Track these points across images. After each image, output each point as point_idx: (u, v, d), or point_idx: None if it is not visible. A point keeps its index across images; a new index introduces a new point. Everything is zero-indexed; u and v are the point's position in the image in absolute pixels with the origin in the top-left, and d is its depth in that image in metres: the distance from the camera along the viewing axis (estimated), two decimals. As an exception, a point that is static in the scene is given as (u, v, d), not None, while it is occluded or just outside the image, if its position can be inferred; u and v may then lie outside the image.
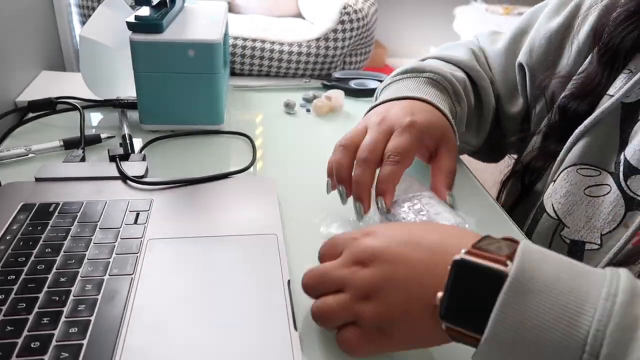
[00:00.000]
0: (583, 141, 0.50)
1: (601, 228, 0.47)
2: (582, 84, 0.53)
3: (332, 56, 0.99)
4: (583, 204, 0.49)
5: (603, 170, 0.49)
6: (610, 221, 0.47)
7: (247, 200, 0.54)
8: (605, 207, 0.47)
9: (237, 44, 0.95)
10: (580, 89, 0.53)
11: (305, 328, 0.40)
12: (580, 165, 0.50)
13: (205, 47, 0.64)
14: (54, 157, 0.62)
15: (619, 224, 0.46)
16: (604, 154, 0.49)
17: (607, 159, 0.49)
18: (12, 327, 0.36)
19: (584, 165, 0.50)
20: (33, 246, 0.44)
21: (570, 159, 0.51)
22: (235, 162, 0.65)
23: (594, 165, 0.50)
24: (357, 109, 0.85)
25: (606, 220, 0.47)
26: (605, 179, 0.48)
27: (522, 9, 3.29)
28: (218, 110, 0.70)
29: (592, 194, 0.49)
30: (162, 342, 0.36)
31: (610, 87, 0.50)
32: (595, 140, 0.50)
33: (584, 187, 0.49)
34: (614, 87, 0.50)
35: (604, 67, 0.51)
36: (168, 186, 0.55)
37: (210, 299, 0.40)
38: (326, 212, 0.52)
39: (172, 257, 0.45)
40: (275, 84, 0.93)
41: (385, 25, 3.45)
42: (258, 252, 0.46)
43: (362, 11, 1.00)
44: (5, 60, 0.74)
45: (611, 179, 0.48)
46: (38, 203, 0.50)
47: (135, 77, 0.66)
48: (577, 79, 0.54)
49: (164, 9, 0.68)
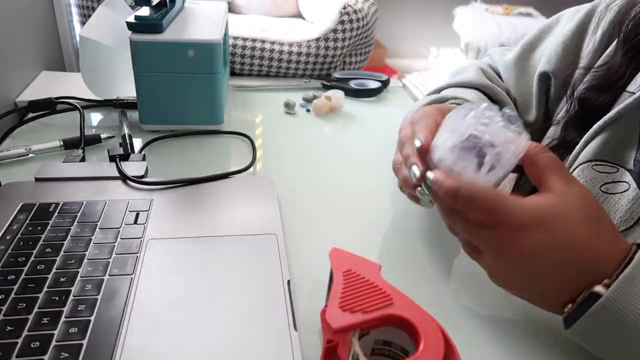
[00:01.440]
0: (601, 137, 0.50)
1: (617, 226, 0.47)
2: (603, 77, 0.53)
3: (332, 56, 0.99)
4: (599, 200, 0.49)
5: (621, 167, 0.48)
6: (627, 219, 0.46)
7: (247, 200, 0.54)
8: (623, 205, 0.47)
9: (237, 44, 0.95)
10: (601, 82, 0.53)
11: (305, 328, 0.40)
12: (595, 162, 0.50)
13: (205, 47, 0.64)
14: (54, 157, 0.62)
15: (637, 222, 0.46)
16: (622, 150, 0.49)
17: (625, 156, 0.48)
18: (12, 327, 0.36)
19: (599, 161, 0.50)
20: (33, 246, 0.44)
21: (585, 155, 0.51)
22: (235, 162, 0.65)
23: (611, 162, 0.49)
24: (357, 109, 0.85)
25: (623, 218, 0.46)
26: (623, 176, 0.48)
27: (522, 9, 3.30)
28: (218, 110, 0.70)
29: (608, 191, 0.48)
30: (162, 342, 0.36)
31: (631, 83, 0.50)
32: (613, 137, 0.49)
33: (600, 183, 0.49)
34: (634, 83, 0.50)
35: (627, 62, 0.51)
36: (168, 186, 0.55)
37: (210, 299, 0.40)
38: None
39: (172, 257, 0.45)
40: (275, 84, 0.93)
41: (385, 25, 3.46)
42: (258, 252, 0.46)
43: (362, 11, 1.00)
44: (5, 60, 0.74)
45: (630, 177, 0.47)
46: (38, 203, 0.50)
47: (135, 77, 0.66)
48: (597, 71, 0.54)
49: (164, 9, 0.68)
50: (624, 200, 0.47)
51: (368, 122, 0.80)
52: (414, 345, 0.32)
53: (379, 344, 0.35)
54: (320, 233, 0.52)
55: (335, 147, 0.72)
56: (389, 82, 0.93)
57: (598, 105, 0.52)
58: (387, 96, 0.92)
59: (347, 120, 0.80)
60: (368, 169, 0.66)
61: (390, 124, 0.81)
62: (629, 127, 0.48)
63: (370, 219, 0.55)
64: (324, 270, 0.40)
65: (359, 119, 0.81)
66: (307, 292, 0.44)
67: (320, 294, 0.41)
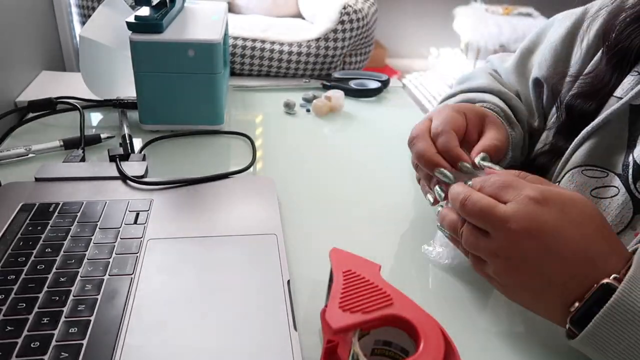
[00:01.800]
0: (589, 142, 0.50)
1: None
2: (589, 84, 0.53)
3: (332, 56, 0.99)
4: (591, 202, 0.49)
5: (610, 172, 0.49)
6: (618, 224, 0.46)
7: (247, 200, 0.54)
8: (613, 210, 0.47)
9: (237, 44, 0.95)
10: (588, 89, 0.53)
11: (305, 328, 0.40)
12: (585, 167, 0.50)
13: (205, 47, 0.64)
14: (54, 157, 0.62)
15: (627, 227, 0.46)
16: (611, 155, 0.49)
17: (614, 161, 0.49)
18: (12, 327, 0.36)
19: (589, 166, 0.50)
20: (33, 246, 0.44)
21: (575, 160, 0.51)
22: (235, 162, 0.65)
23: (600, 167, 0.49)
24: (357, 109, 0.85)
25: (613, 223, 0.47)
26: (613, 180, 0.48)
27: (522, 9, 3.30)
28: (218, 111, 0.70)
29: (599, 196, 0.49)
30: (162, 342, 0.36)
31: (618, 88, 0.50)
32: (602, 142, 0.50)
33: (590, 188, 0.49)
34: (621, 88, 0.50)
35: (612, 68, 0.51)
36: (168, 186, 0.55)
37: (210, 299, 0.40)
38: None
39: (172, 257, 0.45)
40: (275, 84, 0.93)
41: (385, 25, 3.46)
42: (258, 252, 0.46)
43: (362, 11, 1.00)
44: (5, 60, 0.74)
45: (619, 181, 0.48)
46: (38, 203, 0.50)
47: (135, 77, 0.66)
48: (584, 79, 0.54)
49: (164, 9, 0.68)
50: (614, 204, 0.47)
51: (368, 122, 0.80)
52: (414, 346, 0.32)
53: (379, 344, 0.35)
54: (320, 233, 0.52)
55: (335, 147, 0.72)
56: (389, 82, 0.93)
57: (585, 111, 0.52)
58: (387, 96, 0.92)
59: (347, 120, 0.80)
60: (368, 169, 0.66)
61: (390, 124, 0.81)
62: (617, 132, 0.49)
63: (371, 219, 0.55)
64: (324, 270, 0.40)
65: (359, 119, 0.81)
66: (307, 292, 0.44)
67: (320, 294, 0.41)
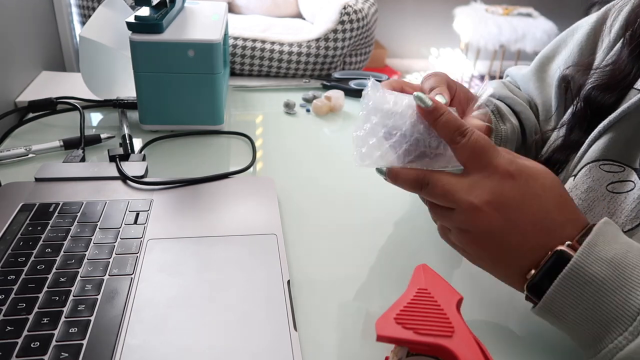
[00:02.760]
0: (607, 136, 0.50)
1: (623, 225, 0.47)
2: (609, 75, 0.53)
3: (332, 56, 0.99)
4: (605, 200, 0.49)
5: (627, 167, 0.48)
6: (633, 218, 0.46)
7: (247, 200, 0.54)
8: (629, 204, 0.47)
9: (237, 44, 0.95)
10: (607, 80, 0.52)
11: (305, 328, 0.40)
12: (603, 161, 0.50)
13: (205, 47, 0.64)
14: (54, 157, 0.62)
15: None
16: (629, 149, 0.48)
17: (632, 155, 0.48)
18: (12, 327, 0.36)
19: (606, 161, 0.49)
20: (33, 246, 0.44)
21: (591, 154, 0.51)
22: (235, 162, 0.65)
23: (617, 161, 0.49)
24: (356, 109, 0.85)
25: (629, 217, 0.46)
26: (630, 175, 0.48)
27: (522, 9, 3.30)
28: (218, 111, 0.70)
29: (615, 190, 0.48)
30: (162, 342, 0.36)
31: (639, 80, 0.50)
32: (619, 135, 0.49)
33: (606, 182, 0.49)
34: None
35: (634, 60, 0.51)
36: (168, 186, 0.55)
37: (210, 299, 0.40)
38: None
39: (172, 257, 0.45)
40: (275, 84, 0.93)
41: (385, 25, 3.46)
42: (258, 252, 0.46)
43: (362, 11, 1.00)
44: (5, 60, 0.74)
45: (635, 176, 0.47)
46: (38, 203, 0.50)
47: (135, 77, 0.66)
48: (604, 70, 0.54)
49: (164, 9, 0.68)
50: (630, 199, 0.47)
51: (368, 122, 0.80)
52: None
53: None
54: (320, 233, 0.52)
55: (335, 147, 0.72)
56: (389, 82, 0.93)
57: (604, 104, 0.52)
58: (387, 96, 0.92)
59: (347, 120, 0.80)
60: (368, 169, 0.66)
61: (390, 124, 0.81)
62: (636, 126, 0.48)
63: (370, 219, 0.55)
64: (324, 270, 0.41)
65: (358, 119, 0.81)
66: (307, 292, 0.44)
67: (320, 294, 0.41)
